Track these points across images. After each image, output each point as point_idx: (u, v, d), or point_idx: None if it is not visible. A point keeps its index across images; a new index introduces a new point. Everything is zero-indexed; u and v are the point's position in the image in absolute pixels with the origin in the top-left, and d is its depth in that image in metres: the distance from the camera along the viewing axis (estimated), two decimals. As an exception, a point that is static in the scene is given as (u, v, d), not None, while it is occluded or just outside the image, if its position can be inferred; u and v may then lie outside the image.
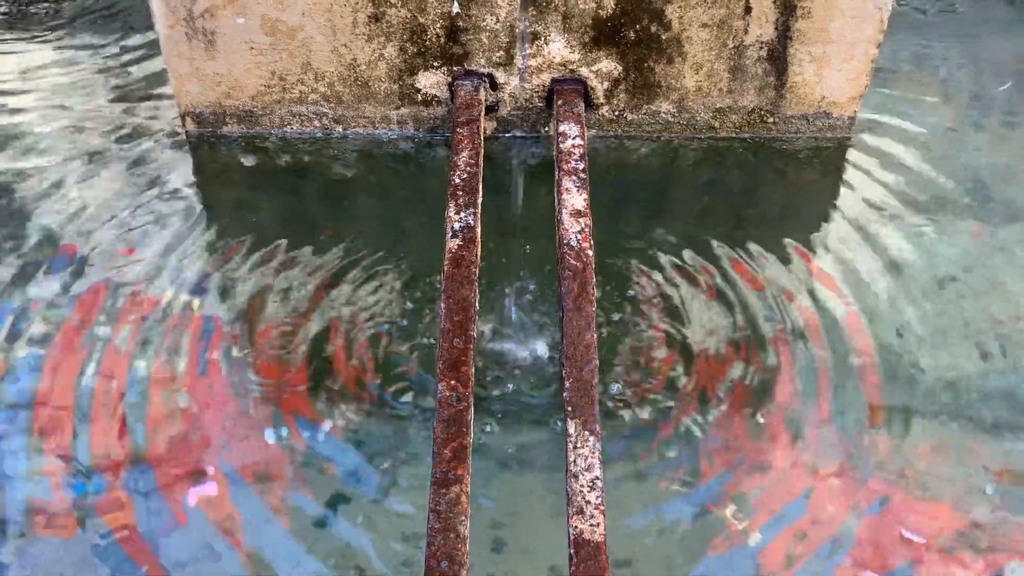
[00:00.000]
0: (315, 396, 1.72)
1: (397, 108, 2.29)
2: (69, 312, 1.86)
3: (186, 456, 1.61)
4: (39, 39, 2.77)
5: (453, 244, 1.71)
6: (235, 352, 1.79)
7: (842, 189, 2.23)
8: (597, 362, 1.52)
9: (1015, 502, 1.56)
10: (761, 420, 1.68)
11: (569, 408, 1.44)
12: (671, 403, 1.71)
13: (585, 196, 1.83)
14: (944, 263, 2.01)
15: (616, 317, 1.86)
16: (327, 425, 1.66)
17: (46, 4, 2.96)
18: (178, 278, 1.95)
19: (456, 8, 2.10)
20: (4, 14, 2.88)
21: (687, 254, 2.02)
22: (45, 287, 1.92)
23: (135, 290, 1.92)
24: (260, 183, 2.23)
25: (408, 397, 1.71)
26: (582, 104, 2.17)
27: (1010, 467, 1.61)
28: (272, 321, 1.85)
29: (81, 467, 1.58)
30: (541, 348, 1.79)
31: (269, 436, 1.65)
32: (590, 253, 1.70)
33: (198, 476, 1.57)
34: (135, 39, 2.77)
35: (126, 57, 2.69)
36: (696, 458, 1.62)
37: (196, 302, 1.89)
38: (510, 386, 1.72)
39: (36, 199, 2.16)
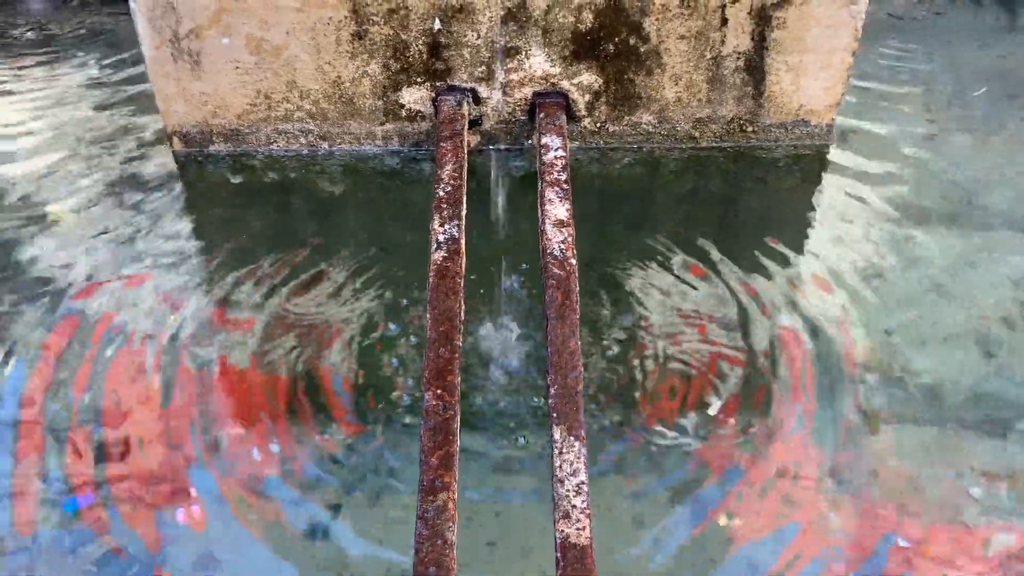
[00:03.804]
0: (302, 409, 1.73)
1: (382, 124, 2.32)
2: (53, 331, 1.88)
3: (169, 475, 1.62)
4: (26, 60, 2.80)
5: (438, 256, 1.74)
6: (223, 366, 1.81)
7: (822, 196, 2.26)
8: (582, 369, 1.54)
9: (1002, 503, 1.58)
10: (748, 427, 1.70)
11: (554, 414, 1.46)
12: (655, 409, 1.73)
13: (568, 206, 1.86)
14: (925, 268, 2.04)
15: (599, 325, 1.89)
16: (316, 438, 1.68)
17: (30, 27, 2.99)
18: (167, 296, 1.96)
19: (438, 25, 2.14)
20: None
21: (669, 262, 2.04)
22: (32, 306, 1.93)
23: (122, 307, 1.93)
24: (247, 201, 2.25)
25: (395, 407, 1.73)
26: (564, 117, 2.20)
27: (998, 468, 1.63)
28: (260, 335, 1.87)
29: (65, 484, 1.59)
30: None
31: (257, 452, 1.66)
32: (573, 262, 1.73)
33: (182, 494, 1.58)
34: (122, 59, 2.80)
35: (114, 77, 2.72)
36: (682, 464, 1.64)
37: (184, 319, 1.91)
38: None
39: (22, 216, 2.18)
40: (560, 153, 2.02)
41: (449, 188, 1.90)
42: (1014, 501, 1.57)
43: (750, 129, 2.36)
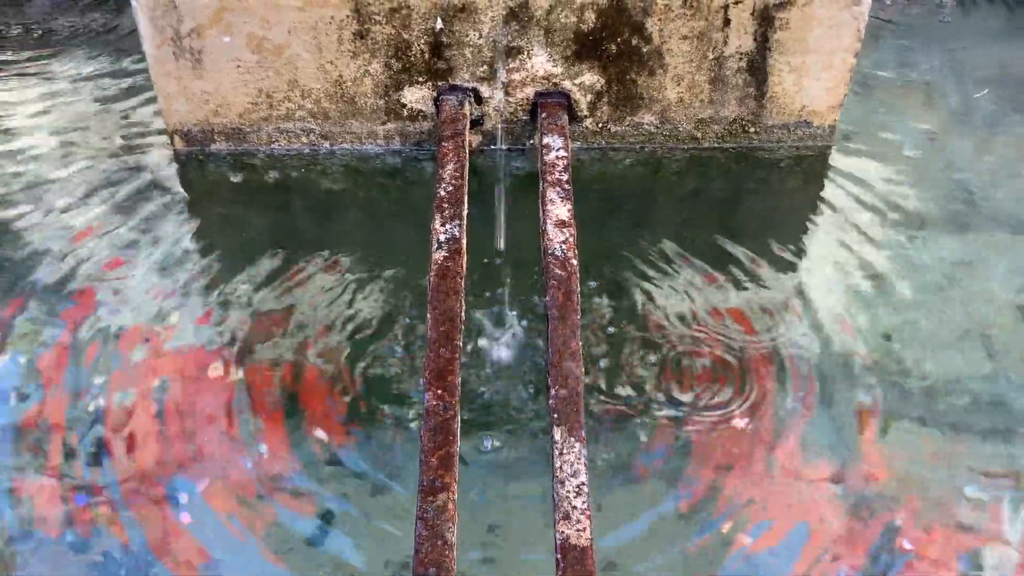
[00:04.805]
0: (304, 411, 1.73)
1: (383, 123, 2.32)
2: (58, 330, 1.87)
3: (172, 474, 1.61)
4: (28, 59, 2.80)
5: (439, 256, 1.73)
6: (225, 368, 1.80)
7: (824, 197, 2.26)
8: (583, 369, 1.54)
9: (1003, 505, 1.57)
10: (750, 427, 1.70)
11: (555, 415, 1.46)
12: (657, 412, 1.73)
13: (569, 207, 1.86)
14: (928, 270, 2.04)
15: (600, 325, 1.88)
16: (318, 439, 1.68)
17: (34, 24, 2.99)
18: (168, 295, 1.96)
19: (440, 24, 2.14)
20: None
21: (670, 263, 2.04)
22: (33, 304, 1.93)
23: (124, 307, 1.93)
24: (249, 200, 2.25)
25: (396, 408, 1.73)
26: (566, 117, 2.20)
27: (998, 470, 1.63)
28: (262, 336, 1.87)
29: (74, 482, 1.59)
30: None
31: (257, 453, 1.65)
32: (575, 262, 1.73)
33: (182, 494, 1.58)
34: (125, 59, 2.80)
35: (115, 76, 2.72)
36: (684, 467, 1.64)
37: (185, 319, 1.91)
38: None
39: (23, 215, 2.17)
40: (562, 153, 2.02)
41: (450, 188, 1.90)
42: (1014, 503, 1.57)
43: (752, 130, 2.36)
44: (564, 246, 1.76)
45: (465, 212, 1.83)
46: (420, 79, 2.23)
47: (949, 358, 1.83)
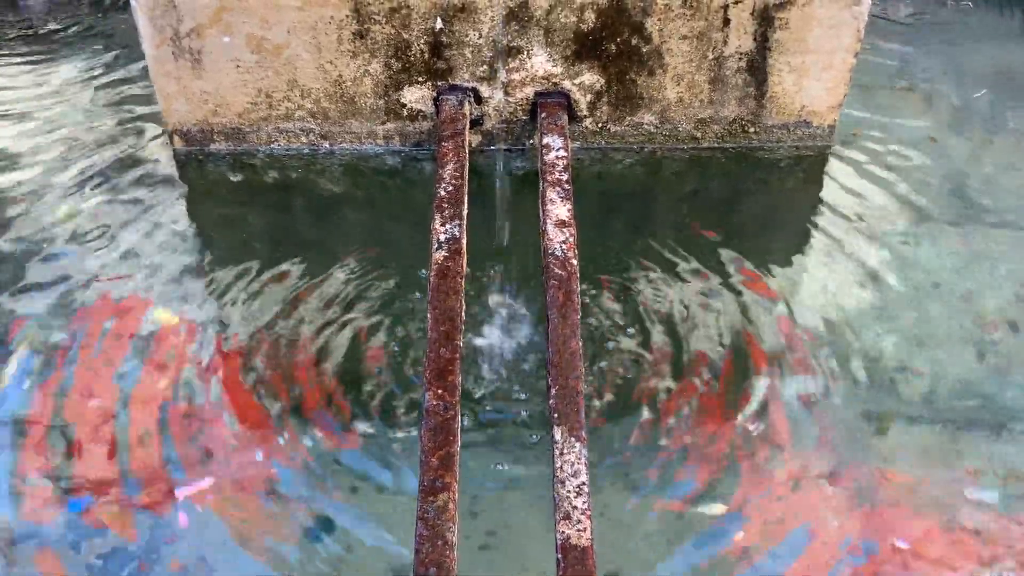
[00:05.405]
0: (303, 411, 1.73)
1: (383, 123, 2.32)
2: (58, 330, 1.87)
3: (171, 474, 1.61)
4: (25, 57, 2.80)
5: (439, 256, 1.73)
6: (223, 368, 1.80)
7: (824, 197, 2.26)
8: (583, 369, 1.53)
9: (998, 504, 1.58)
10: (749, 427, 1.70)
11: (555, 415, 1.46)
12: (655, 414, 1.73)
13: (569, 207, 1.85)
14: (926, 270, 2.04)
15: (600, 325, 1.88)
16: (317, 440, 1.67)
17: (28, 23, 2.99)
18: (167, 295, 1.96)
19: (440, 24, 2.14)
20: None
21: (670, 263, 2.04)
22: (33, 304, 1.93)
23: (124, 307, 1.93)
24: (248, 200, 2.25)
25: (395, 407, 1.72)
26: (565, 117, 2.20)
27: (994, 469, 1.63)
28: (261, 336, 1.87)
29: (68, 484, 1.59)
30: None
31: (257, 452, 1.65)
32: (575, 262, 1.73)
33: (187, 491, 1.58)
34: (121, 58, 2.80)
35: (112, 75, 2.72)
36: (681, 466, 1.64)
37: (185, 319, 1.91)
38: None
39: (24, 215, 2.17)
40: (562, 153, 2.02)
41: (450, 188, 1.89)
42: (1011, 501, 1.57)
43: (752, 130, 2.36)
44: (564, 246, 1.76)
45: (465, 212, 1.83)
46: (420, 79, 2.23)
47: (948, 357, 1.83)
